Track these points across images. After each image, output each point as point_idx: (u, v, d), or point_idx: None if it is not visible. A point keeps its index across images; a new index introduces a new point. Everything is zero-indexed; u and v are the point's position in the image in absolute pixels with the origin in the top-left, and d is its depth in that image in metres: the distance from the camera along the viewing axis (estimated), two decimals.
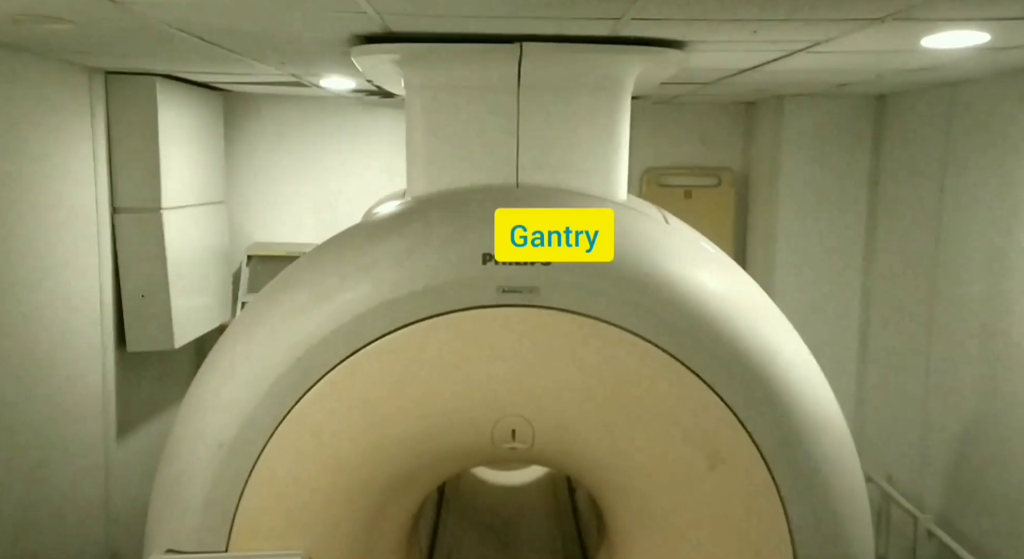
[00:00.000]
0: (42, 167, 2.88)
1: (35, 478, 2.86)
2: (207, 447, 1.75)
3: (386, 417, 1.78)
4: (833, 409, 1.86)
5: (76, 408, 3.13)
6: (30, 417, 2.82)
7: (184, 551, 1.75)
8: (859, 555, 1.79)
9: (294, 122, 4.35)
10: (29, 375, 2.81)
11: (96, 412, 3.29)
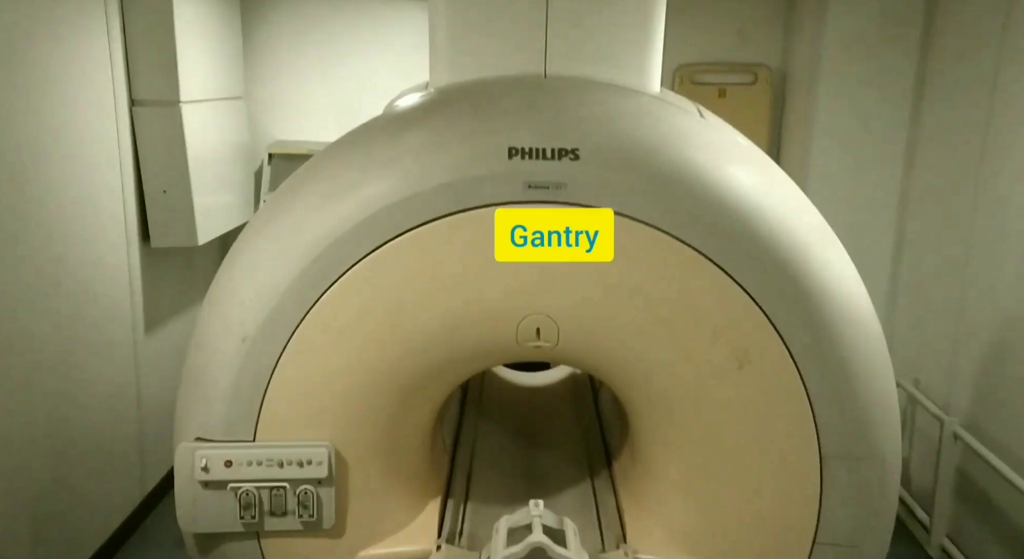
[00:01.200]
0: (58, 60, 2.83)
1: (66, 373, 2.93)
2: (231, 340, 1.76)
3: (409, 313, 1.77)
4: (867, 309, 1.82)
5: (104, 303, 3.18)
6: (59, 312, 2.87)
7: (212, 439, 1.79)
8: (886, 458, 1.79)
9: (314, 17, 4.23)
10: (56, 271, 2.84)
11: (124, 307, 3.34)
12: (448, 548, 1.86)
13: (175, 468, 1.80)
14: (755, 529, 1.84)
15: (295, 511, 1.83)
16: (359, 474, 1.87)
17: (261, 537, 1.86)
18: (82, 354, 3.03)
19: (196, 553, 1.90)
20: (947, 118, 3.39)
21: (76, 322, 2.98)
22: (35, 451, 2.75)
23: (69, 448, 2.97)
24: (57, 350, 2.87)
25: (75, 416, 2.99)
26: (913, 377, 3.47)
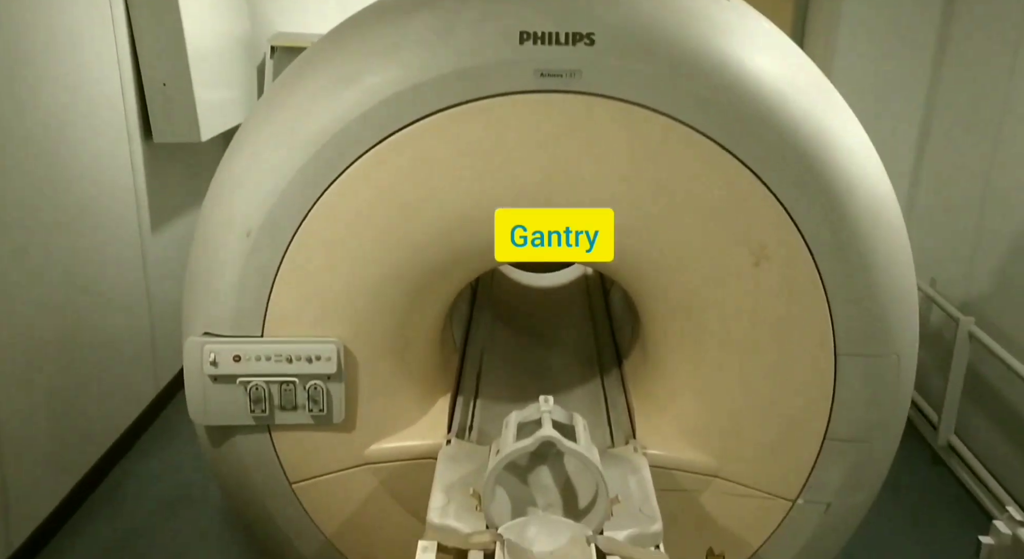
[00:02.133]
0: None
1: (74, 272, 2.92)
2: (235, 235, 1.73)
3: (417, 208, 1.73)
4: (890, 206, 1.77)
5: (109, 201, 3.14)
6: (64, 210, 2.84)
7: (220, 334, 1.78)
8: (902, 356, 1.77)
9: None
10: (56, 167, 2.79)
11: (129, 205, 3.31)
12: (457, 442, 1.87)
13: (184, 362, 1.80)
14: (766, 426, 1.85)
15: (305, 405, 1.84)
16: (368, 371, 1.87)
17: (272, 430, 1.88)
18: (89, 253, 3.01)
19: (209, 445, 1.92)
20: (980, 13, 3.23)
21: (81, 220, 2.95)
22: (47, 349, 2.78)
23: (82, 346, 2.99)
24: (64, 250, 2.85)
25: (86, 315, 3.01)
26: (929, 277, 3.44)
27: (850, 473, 1.84)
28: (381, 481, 1.95)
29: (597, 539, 1.41)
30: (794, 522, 1.90)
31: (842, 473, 1.84)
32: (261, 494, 1.94)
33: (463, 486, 1.62)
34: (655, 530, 1.50)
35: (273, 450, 1.90)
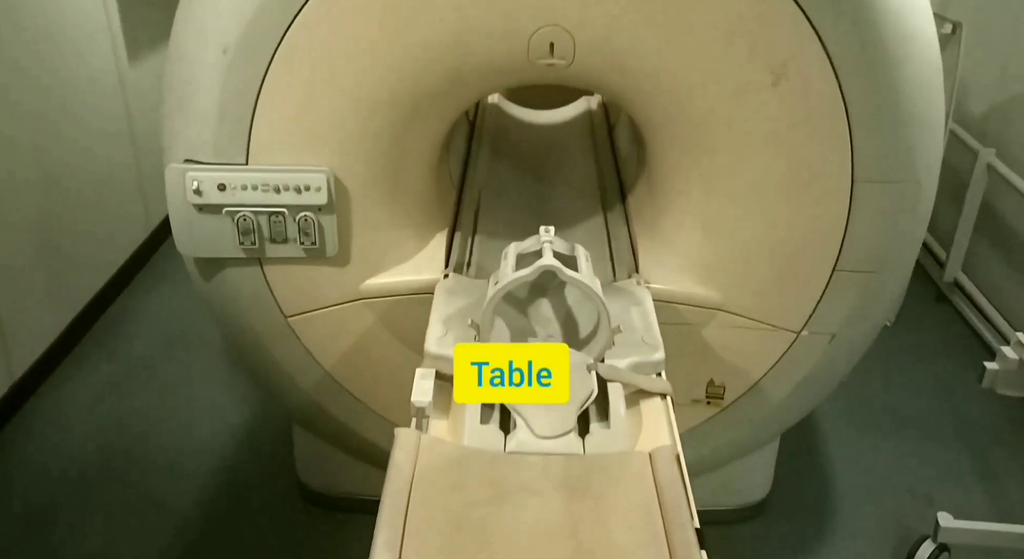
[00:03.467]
0: None
1: (51, 108, 2.80)
2: (211, 52, 1.61)
3: (409, 23, 1.60)
4: (926, 26, 1.63)
5: (81, 32, 2.97)
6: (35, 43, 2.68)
7: (202, 161, 1.70)
8: (922, 183, 1.69)
9: None
10: None
11: (103, 35, 3.13)
12: (455, 277, 1.83)
13: (167, 190, 1.73)
14: (774, 258, 1.80)
15: (296, 238, 1.79)
16: (361, 203, 1.80)
17: (264, 264, 1.83)
18: (65, 88, 2.88)
19: (200, 278, 1.89)
20: None
21: (53, 53, 2.80)
22: (32, 190, 2.70)
23: (67, 185, 2.92)
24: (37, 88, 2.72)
25: (67, 153, 2.92)
26: None
27: (857, 305, 1.81)
28: (378, 316, 1.93)
29: (598, 367, 1.39)
30: (797, 354, 1.90)
31: (849, 305, 1.81)
32: (257, 328, 1.92)
33: (461, 317, 1.59)
34: (657, 358, 1.48)
35: (266, 284, 1.86)
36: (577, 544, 1.08)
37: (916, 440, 2.63)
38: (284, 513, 2.32)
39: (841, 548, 2.22)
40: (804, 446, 2.59)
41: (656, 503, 1.14)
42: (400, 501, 1.12)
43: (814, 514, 2.33)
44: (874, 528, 2.28)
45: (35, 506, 2.33)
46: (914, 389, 2.90)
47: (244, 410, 2.73)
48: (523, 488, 1.18)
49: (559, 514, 1.13)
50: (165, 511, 2.32)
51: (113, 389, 2.82)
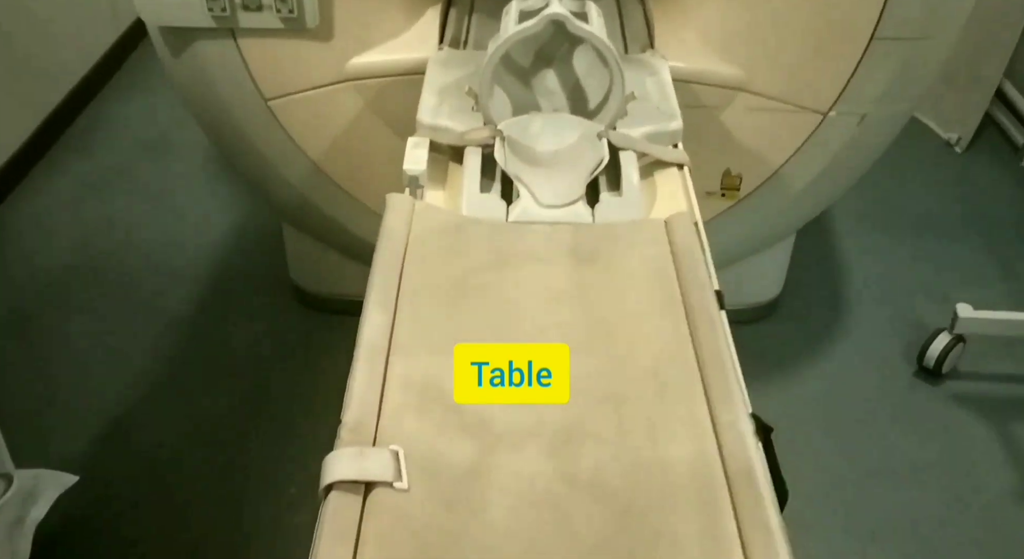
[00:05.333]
0: None
1: None
2: None
3: None
4: None
5: None
6: None
7: None
8: None
9: None
10: None
11: None
12: (450, 50, 1.69)
13: None
14: (805, 28, 1.66)
15: (271, 4, 1.63)
16: None
17: (238, 37, 1.69)
18: None
19: (168, 54, 1.75)
20: None
21: None
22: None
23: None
24: None
25: None
26: None
27: (893, 79, 1.68)
28: (367, 100, 1.81)
29: (609, 134, 1.28)
30: (822, 138, 1.79)
31: (884, 79, 1.68)
32: (235, 113, 1.80)
33: (457, 88, 1.46)
34: (674, 127, 1.38)
35: (242, 61, 1.72)
36: (586, 308, 1.02)
37: (936, 241, 2.57)
38: (276, 314, 2.30)
39: (853, 345, 2.21)
40: (818, 247, 2.53)
41: (672, 268, 1.07)
42: (393, 263, 1.05)
43: (826, 313, 2.31)
44: (887, 326, 2.26)
45: (16, 308, 2.30)
46: (937, 190, 2.81)
47: (231, 213, 2.65)
48: (528, 255, 1.11)
49: (567, 280, 1.06)
50: (152, 312, 2.29)
51: (91, 193, 2.73)
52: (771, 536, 0.73)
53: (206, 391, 2.08)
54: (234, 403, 2.06)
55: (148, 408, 2.03)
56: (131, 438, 1.96)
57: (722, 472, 0.80)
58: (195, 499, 1.84)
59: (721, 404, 0.87)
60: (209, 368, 2.15)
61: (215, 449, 1.94)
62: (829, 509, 1.78)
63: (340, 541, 0.72)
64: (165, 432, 1.98)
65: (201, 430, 1.99)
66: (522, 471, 0.82)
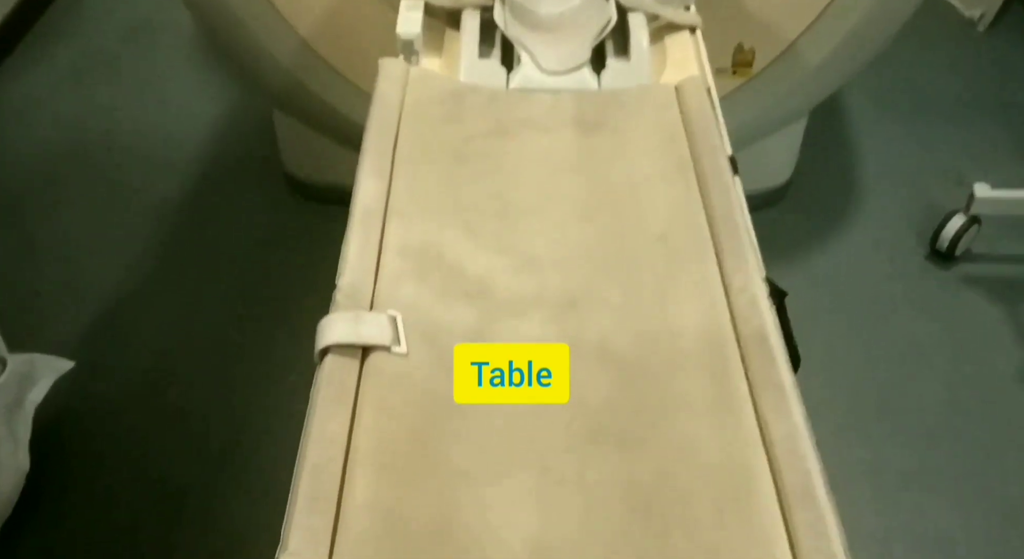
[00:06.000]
0: None
1: None
2: None
3: None
4: None
5: None
6: None
7: None
8: None
9: None
10: None
11: None
12: None
13: None
14: None
15: None
16: None
17: None
18: None
19: None
20: None
21: None
22: None
23: None
24: None
25: None
26: None
27: None
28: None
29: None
30: (841, 6, 1.70)
31: None
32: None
33: None
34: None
35: None
36: (591, 176, 0.98)
37: (954, 124, 2.49)
38: (269, 204, 2.25)
39: (864, 230, 2.17)
40: (831, 130, 2.46)
41: (682, 133, 1.02)
42: (388, 129, 1.00)
43: (838, 198, 2.26)
44: (901, 211, 2.22)
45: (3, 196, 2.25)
46: (957, 71, 2.71)
47: (221, 101, 2.57)
48: (530, 124, 1.06)
49: (571, 148, 1.02)
50: (142, 202, 2.25)
51: (75, 79, 2.65)
52: (783, 396, 0.71)
53: (201, 281, 2.06)
54: (230, 293, 2.04)
55: (142, 298, 2.02)
56: (126, 327, 1.95)
57: (733, 336, 0.78)
58: (194, 387, 1.84)
59: (734, 268, 0.83)
60: (202, 258, 2.12)
61: (211, 338, 1.93)
62: (834, 387, 1.78)
63: (338, 404, 0.70)
64: (160, 321, 1.97)
65: (197, 319, 1.98)
66: (525, 337, 0.80)
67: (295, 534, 0.60)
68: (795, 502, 0.63)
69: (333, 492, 0.64)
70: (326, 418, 0.68)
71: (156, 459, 1.71)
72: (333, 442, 0.67)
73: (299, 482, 0.64)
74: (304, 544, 0.60)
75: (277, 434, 1.70)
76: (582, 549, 0.63)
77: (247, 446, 1.72)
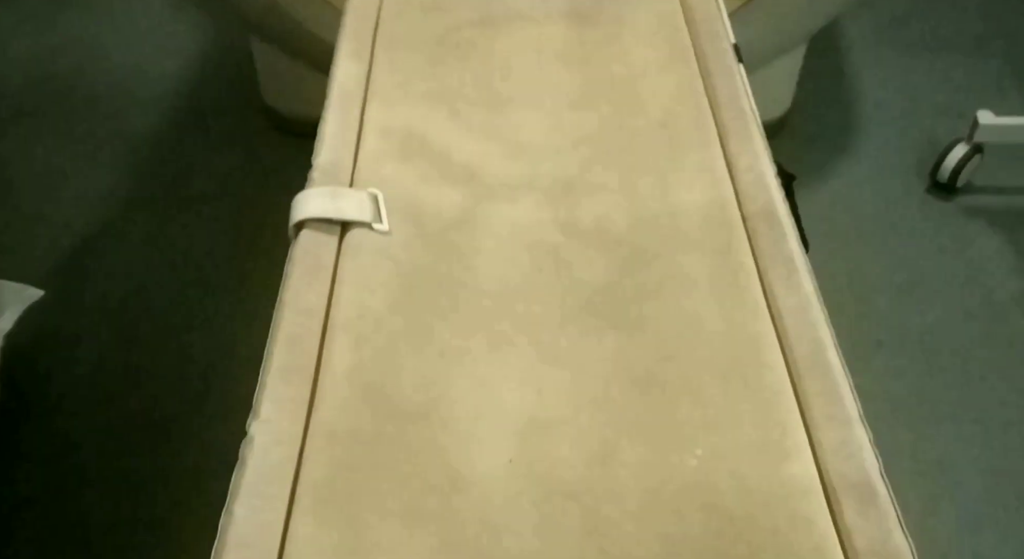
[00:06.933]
0: None
1: None
2: None
3: None
4: None
5: None
6: None
7: None
8: None
9: None
10: None
11: None
12: None
13: None
14: None
15: None
16: None
17: None
18: None
19: None
20: None
21: None
22: None
23: None
24: None
25: None
26: None
27: None
28: None
29: None
30: None
31: None
32: None
33: None
34: None
35: None
36: (585, 66, 0.93)
37: (955, 59, 2.44)
38: (251, 138, 2.18)
39: (864, 163, 2.12)
40: (829, 65, 2.40)
41: (682, 21, 0.97)
42: (367, 14, 0.95)
43: (837, 132, 2.21)
44: (901, 144, 2.17)
45: None
46: (957, 5, 2.66)
47: (196, 35, 2.49)
48: (519, 15, 1.00)
49: (563, 39, 0.97)
50: (115, 133, 2.17)
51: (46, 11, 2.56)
52: (794, 268, 0.67)
53: (178, 215, 2.00)
54: (204, 226, 1.98)
55: (115, 232, 1.96)
56: (99, 259, 1.90)
57: (739, 214, 0.74)
58: (169, 319, 1.79)
59: (739, 150, 0.79)
60: (177, 192, 2.06)
61: (185, 271, 1.88)
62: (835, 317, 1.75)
63: (315, 276, 0.65)
64: (134, 256, 1.91)
65: (170, 252, 1.92)
66: (517, 220, 0.75)
67: (267, 404, 0.56)
68: (806, 371, 0.59)
69: (310, 364, 0.60)
70: (301, 288, 0.64)
71: (135, 391, 1.66)
72: (310, 313, 0.63)
73: (272, 352, 0.59)
74: (277, 413, 0.56)
75: (256, 363, 1.66)
76: (580, 424, 0.59)
77: (228, 375, 1.67)
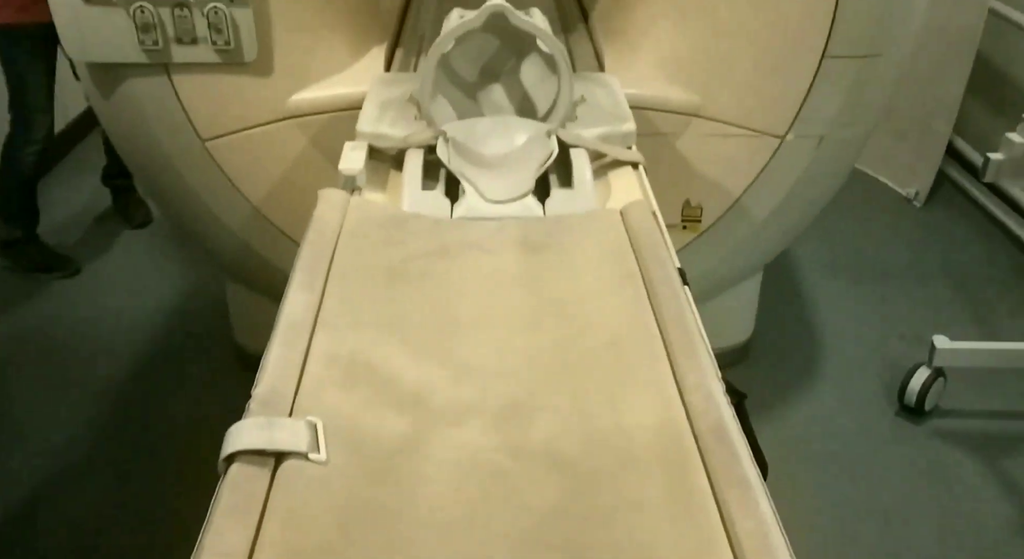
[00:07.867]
0: None
1: None
2: None
3: None
4: None
5: None
6: None
7: None
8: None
9: None
10: None
11: None
12: (395, 73, 1.65)
13: None
14: (756, 49, 1.65)
15: (207, 37, 1.58)
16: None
17: (172, 73, 1.63)
18: None
19: (98, 94, 1.69)
20: None
21: None
22: None
23: None
24: None
25: None
26: None
27: (847, 98, 1.67)
28: (310, 138, 1.75)
29: (559, 131, 1.23)
30: (781, 162, 1.76)
31: (839, 99, 1.67)
32: (170, 154, 1.73)
33: (400, 101, 1.41)
34: (627, 129, 1.33)
35: (177, 99, 1.67)
36: (536, 291, 0.94)
37: (905, 288, 2.53)
38: (220, 379, 2.17)
39: (831, 387, 2.13)
40: (787, 294, 2.48)
41: (629, 248, 1.00)
42: (323, 248, 0.96)
43: (800, 356, 2.24)
44: (865, 367, 2.19)
45: None
46: (901, 241, 2.80)
47: (174, 280, 2.55)
48: (473, 245, 1.03)
49: (515, 266, 0.99)
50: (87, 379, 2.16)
51: None
52: (749, 490, 0.63)
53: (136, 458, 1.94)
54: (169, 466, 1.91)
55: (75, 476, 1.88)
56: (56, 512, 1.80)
57: (690, 432, 0.71)
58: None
59: (687, 366, 0.78)
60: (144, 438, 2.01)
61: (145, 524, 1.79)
62: (816, 550, 1.66)
63: (239, 516, 0.61)
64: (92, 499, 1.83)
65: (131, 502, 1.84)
66: (463, 445, 0.72)
67: None
68: None
69: None
70: (223, 529, 0.59)
71: None
72: (229, 557, 0.57)
73: None
74: None
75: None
76: None
77: None
